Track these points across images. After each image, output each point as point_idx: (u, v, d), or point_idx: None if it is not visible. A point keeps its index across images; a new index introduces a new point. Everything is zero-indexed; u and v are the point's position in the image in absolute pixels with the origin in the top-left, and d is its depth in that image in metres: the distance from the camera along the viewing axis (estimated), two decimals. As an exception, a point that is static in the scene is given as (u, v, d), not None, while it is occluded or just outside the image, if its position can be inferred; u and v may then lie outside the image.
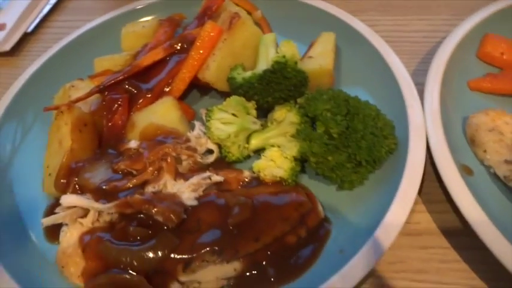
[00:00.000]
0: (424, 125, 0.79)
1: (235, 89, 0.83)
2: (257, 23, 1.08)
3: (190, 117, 0.92)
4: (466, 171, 0.76)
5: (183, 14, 1.09)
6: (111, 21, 1.10)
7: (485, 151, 0.78)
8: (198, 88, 0.99)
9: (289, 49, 0.80)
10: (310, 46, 0.95)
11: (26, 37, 1.26)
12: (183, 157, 0.78)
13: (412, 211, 0.73)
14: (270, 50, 0.85)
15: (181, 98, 0.94)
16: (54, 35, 1.26)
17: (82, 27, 1.10)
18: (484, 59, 0.93)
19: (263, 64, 0.84)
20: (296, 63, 0.79)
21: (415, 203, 0.77)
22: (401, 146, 0.78)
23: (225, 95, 0.95)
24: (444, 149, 0.75)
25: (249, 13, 1.08)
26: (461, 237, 0.74)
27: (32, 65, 1.02)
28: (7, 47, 1.20)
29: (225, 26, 0.89)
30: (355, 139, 0.73)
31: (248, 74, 0.82)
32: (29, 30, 1.26)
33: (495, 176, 0.76)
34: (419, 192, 0.80)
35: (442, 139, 0.77)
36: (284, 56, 0.78)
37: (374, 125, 0.75)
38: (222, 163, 0.83)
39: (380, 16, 1.15)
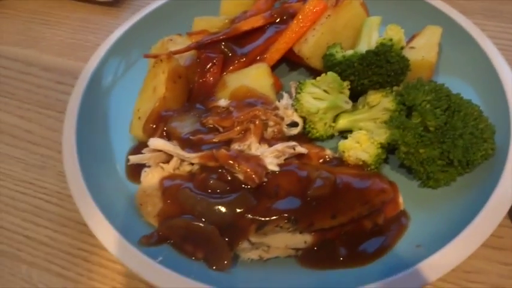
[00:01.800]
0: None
1: (331, 66, 0.82)
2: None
3: (278, 88, 0.92)
4: None
5: (284, -12, 1.08)
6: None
7: None
8: (287, 62, 0.99)
9: (397, 33, 0.78)
10: (412, 37, 0.92)
11: (128, -9, 1.32)
12: (270, 123, 0.79)
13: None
14: (373, 33, 0.83)
15: (271, 69, 0.94)
16: (154, -8, 1.31)
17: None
18: None
19: (364, 46, 0.82)
20: (402, 48, 0.76)
21: (501, 216, 0.73)
22: (499, 154, 0.73)
23: (314, 73, 0.94)
24: (547, 165, 0.70)
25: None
26: (549, 261, 0.69)
27: (136, 15, 1.06)
28: (111, -3, 1.27)
29: (331, 2, 0.88)
30: (452, 136, 0.70)
31: (349, 52, 0.80)
32: (132, -16, 1.32)
33: None
34: (508, 205, 0.76)
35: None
36: (391, 39, 0.76)
37: (475, 125, 0.71)
38: (304, 138, 0.83)
39: (487, 21, 1.09)
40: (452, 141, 0.70)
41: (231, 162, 0.71)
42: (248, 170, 0.70)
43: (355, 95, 0.84)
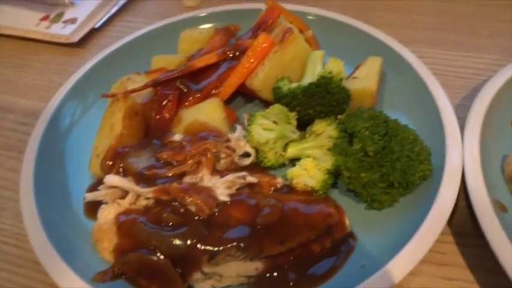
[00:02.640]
0: (461, 156, 0.79)
1: (279, 98, 0.87)
2: (307, 41, 1.12)
3: (233, 121, 0.96)
4: (500, 207, 0.75)
5: (238, 26, 1.15)
6: (172, 25, 1.18)
7: (522, 191, 0.77)
8: (242, 95, 1.04)
9: (336, 66, 0.84)
10: (356, 68, 0.98)
11: (92, 32, 1.37)
12: (222, 155, 0.82)
13: (440, 241, 0.73)
14: (317, 66, 0.89)
15: (226, 102, 0.98)
16: (118, 33, 1.37)
17: (145, 28, 1.19)
18: (531, 101, 0.92)
19: (309, 78, 0.88)
20: (341, 80, 0.82)
21: (444, 233, 0.77)
22: (436, 174, 0.78)
23: (267, 105, 0.99)
24: (480, 183, 0.75)
25: (301, 31, 1.13)
26: (489, 274, 0.73)
27: (96, 56, 1.11)
28: (75, 39, 1.31)
29: (278, 39, 0.94)
30: (390, 160, 0.74)
31: (294, 85, 0.85)
32: (96, 26, 1.37)
33: (530, 217, 0.75)
34: (449, 223, 0.80)
35: (479, 173, 0.77)
36: (330, 72, 0.81)
37: (411, 148, 0.76)
38: (257, 167, 0.86)
39: (428, 49, 1.17)
40: (390, 164, 0.74)
41: (182, 194, 0.74)
42: (199, 201, 0.73)
43: (304, 124, 0.89)
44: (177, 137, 0.86)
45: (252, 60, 0.94)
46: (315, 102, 0.82)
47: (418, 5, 1.32)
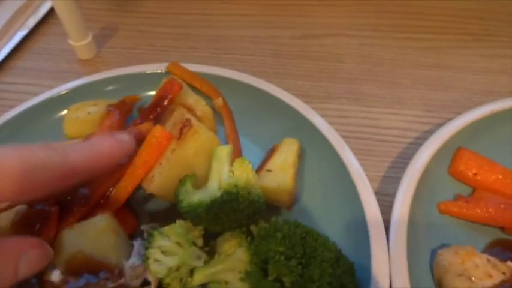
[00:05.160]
0: (388, 262, 0.71)
1: (181, 212, 0.73)
2: (218, 110, 0.99)
3: (131, 229, 0.81)
4: (431, 324, 0.69)
5: (138, 96, 0.98)
6: (54, 100, 0.98)
7: (453, 299, 0.70)
8: (146, 187, 0.89)
9: (243, 172, 0.71)
10: (272, 151, 0.87)
11: (-39, 102, 1.13)
12: (113, 298, 0.67)
13: None
14: (223, 166, 0.76)
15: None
16: (-6, 100, 1.14)
17: (23, 103, 0.98)
18: (456, 177, 0.87)
19: (215, 182, 0.75)
20: (249, 193, 0.70)
21: None
22: (363, 284, 0.70)
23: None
24: (408, 300, 0.67)
25: (211, 98, 1.00)
26: None
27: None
28: None
29: (176, 131, 0.79)
30: (310, 289, 0.64)
31: (195, 199, 0.71)
32: (-35, 94, 1.13)
33: (463, 328, 0.69)
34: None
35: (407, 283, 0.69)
36: (236, 185, 0.69)
37: (332, 272, 0.66)
38: (162, 295, 0.73)
39: (350, 105, 1.08)
40: (310, 295, 0.64)
41: None
42: None
43: (213, 235, 0.76)
44: (55, 276, 0.69)
45: (147, 159, 0.78)
46: (221, 220, 0.70)
47: (338, 51, 1.23)
